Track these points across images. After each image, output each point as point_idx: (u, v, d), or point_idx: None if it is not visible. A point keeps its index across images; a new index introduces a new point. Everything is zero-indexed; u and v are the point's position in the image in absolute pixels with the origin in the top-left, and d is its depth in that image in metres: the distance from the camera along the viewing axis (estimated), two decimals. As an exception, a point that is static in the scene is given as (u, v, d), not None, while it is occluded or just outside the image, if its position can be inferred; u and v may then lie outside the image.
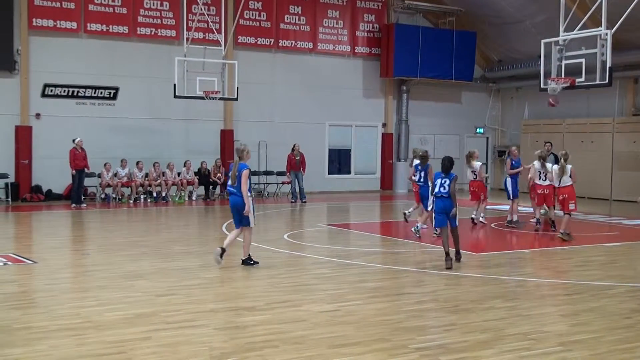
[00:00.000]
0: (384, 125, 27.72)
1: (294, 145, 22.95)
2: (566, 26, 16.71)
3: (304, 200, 22.19)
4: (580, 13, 17.19)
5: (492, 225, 16.41)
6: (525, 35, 25.37)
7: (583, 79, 16.48)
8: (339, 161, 27.24)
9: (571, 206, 13.76)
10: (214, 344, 6.50)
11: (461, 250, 11.17)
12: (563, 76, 16.72)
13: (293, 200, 22.33)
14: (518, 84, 28.24)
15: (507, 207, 16.98)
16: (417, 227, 13.92)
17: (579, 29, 16.50)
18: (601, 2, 15.66)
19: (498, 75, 28.93)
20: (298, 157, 22.73)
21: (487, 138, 29.92)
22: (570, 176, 13.76)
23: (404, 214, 15.99)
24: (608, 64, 15.54)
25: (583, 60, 16.42)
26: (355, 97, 26.92)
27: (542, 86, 17.46)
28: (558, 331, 7.08)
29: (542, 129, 26.90)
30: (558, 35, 16.81)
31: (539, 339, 6.75)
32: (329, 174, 26.82)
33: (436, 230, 12.77)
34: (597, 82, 15.94)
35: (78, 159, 19.74)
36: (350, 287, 9.12)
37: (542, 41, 17.41)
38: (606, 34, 15.52)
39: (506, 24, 26.13)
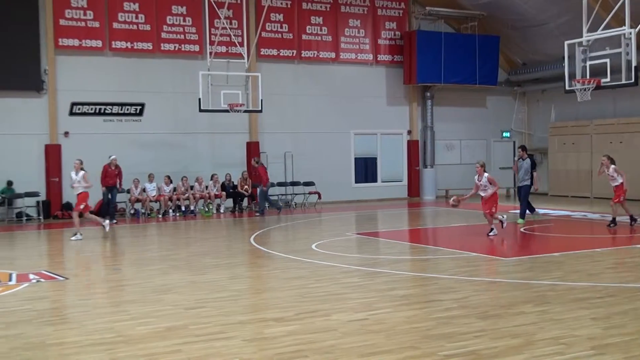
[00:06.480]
0: (409, 132, 27.66)
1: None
2: (589, 26, 16.59)
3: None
4: (604, 13, 17.05)
5: (522, 229, 16.30)
6: (548, 37, 25.21)
7: (608, 79, 16.34)
8: (366, 169, 27.19)
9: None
10: (244, 355, 6.53)
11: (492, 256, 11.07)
12: (588, 77, 16.58)
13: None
14: (543, 86, 28.03)
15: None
16: None
17: (603, 29, 16.36)
18: (624, 1, 15.53)
19: (523, 78, 28.76)
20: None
21: (514, 142, 29.70)
22: (490, 184, 14.91)
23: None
24: (633, 63, 15.41)
25: (608, 60, 16.29)
26: (379, 105, 26.92)
27: (567, 88, 17.33)
28: (590, 335, 6.99)
29: (569, 131, 26.68)
30: (581, 36, 16.68)
31: (571, 344, 6.67)
32: (355, 182, 26.80)
33: None
34: (623, 81, 15.79)
35: (109, 176, 19.92)
36: (379, 296, 9.11)
37: (566, 42, 17.30)
38: (630, 33, 15.38)
39: (529, 27, 25.98)
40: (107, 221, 16.86)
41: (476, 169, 15.12)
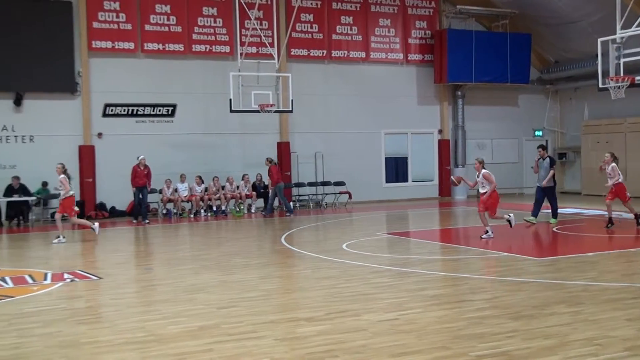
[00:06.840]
0: (440, 131, 27.52)
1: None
2: (623, 23, 16.35)
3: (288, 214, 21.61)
4: (638, 9, 16.81)
5: (554, 229, 16.12)
6: (581, 34, 24.89)
7: (643, 76, 16.10)
8: (396, 169, 27.10)
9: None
10: (275, 355, 6.55)
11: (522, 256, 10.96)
12: (622, 74, 16.35)
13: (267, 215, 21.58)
14: (576, 84, 27.69)
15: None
16: None
17: (637, 26, 16.11)
18: (659, -3, 15.31)
19: (555, 76, 28.43)
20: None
21: (547, 140, 29.38)
22: (486, 180, 14.65)
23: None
24: (669, 60, 15.17)
25: (642, 57, 16.04)
26: (410, 104, 26.83)
27: (600, 85, 17.11)
28: (625, 336, 6.89)
29: (602, 129, 26.32)
30: (615, 33, 16.45)
31: (605, 345, 6.59)
32: (386, 182, 26.74)
33: None
34: (658, 79, 15.56)
35: (139, 177, 20.17)
36: (410, 296, 9.08)
37: (599, 40, 17.07)
38: (666, 30, 15.15)
39: (562, 24, 25.68)
40: (61, 237, 16.03)
41: (475, 166, 15.05)
